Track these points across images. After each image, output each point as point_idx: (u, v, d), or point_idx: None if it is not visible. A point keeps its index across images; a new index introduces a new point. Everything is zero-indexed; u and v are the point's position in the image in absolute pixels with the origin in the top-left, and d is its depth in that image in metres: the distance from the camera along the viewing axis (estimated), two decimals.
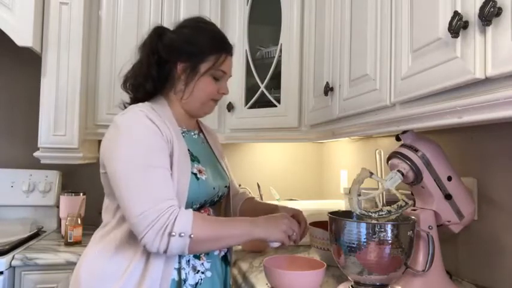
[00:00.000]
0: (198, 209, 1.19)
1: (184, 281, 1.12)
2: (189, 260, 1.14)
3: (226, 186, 1.31)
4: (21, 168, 2.15)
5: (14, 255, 1.65)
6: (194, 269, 1.14)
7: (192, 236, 1.00)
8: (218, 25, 2.04)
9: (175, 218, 1.00)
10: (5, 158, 2.20)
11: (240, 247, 1.76)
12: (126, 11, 2.02)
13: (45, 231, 2.08)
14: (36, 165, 2.03)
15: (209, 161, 1.27)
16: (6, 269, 1.60)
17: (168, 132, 1.12)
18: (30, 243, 1.85)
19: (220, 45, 1.23)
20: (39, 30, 1.87)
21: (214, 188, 1.22)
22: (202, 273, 1.16)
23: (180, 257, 1.12)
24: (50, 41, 1.90)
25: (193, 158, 1.19)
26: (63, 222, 1.95)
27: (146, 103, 1.18)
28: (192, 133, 1.27)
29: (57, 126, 1.90)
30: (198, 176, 1.16)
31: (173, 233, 0.99)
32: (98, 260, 1.10)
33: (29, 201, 2.12)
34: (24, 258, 1.65)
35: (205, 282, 1.15)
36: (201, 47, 1.19)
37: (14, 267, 1.65)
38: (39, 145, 1.90)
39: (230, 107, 2.10)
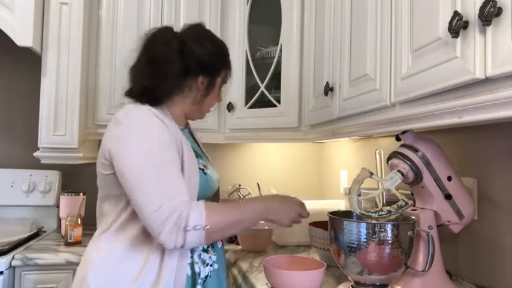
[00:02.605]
0: None
1: (199, 274, 1.14)
2: (200, 254, 1.15)
3: (218, 181, 1.34)
4: (21, 168, 2.15)
5: (14, 255, 1.65)
6: (203, 262, 1.16)
7: (207, 227, 1.01)
8: (218, 25, 2.08)
9: (189, 213, 1.00)
10: (5, 158, 2.20)
11: (240, 247, 1.76)
12: (126, 11, 2.02)
13: (45, 231, 2.09)
14: (36, 165, 2.03)
15: (205, 157, 1.31)
16: (6, 269, 1.60)
17: (174, 130, 1.13)
18: (30, 243, 1.85)
19: (229, 59, 1.30)
20: (39, 30, 1.87)
21: (215, 182, 1.26)
22: (211, 265, 1.18)
23: (192, 251, 1.13)
24: (50, 41, 1.89)
25: (197, 154, 1.21)
26: (63, 222, 1.95)
27: (146, 104, 1.16)
28: (186, 131, 1.29)
29: (57, 126, 1.90)
30: (205, 171, 1.20)
31: (188, 228, 1.00)
32: (107, 264, 1.07)
33: (29, 201, 2.12)
34: (24, 258, 1.65)
35: (213, 274, 1.18)
36: (219, 62, 1.26)
37: (14, 267, 1.65)
38: (39, 145, 1.90)
39: (230, 107, 2.10)
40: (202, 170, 1.18)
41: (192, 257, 1.13)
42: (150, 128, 1.08)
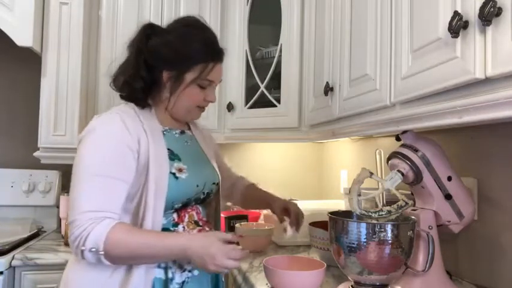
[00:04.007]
0: (183, 208, 1.18)
1: (171, 279, 1.12)
2: (175, 260, 1.13)
3: (214, 184, 1.28)
4: (21, 168, 2.15)
5: (14, 255, 1.65)
6: (181, 267, 1.14)
7: (102, 253, 1.00)
8: (218, 26, 2.08)
9: (89, 233, 1.00)
10: (5, 158, 2.20)
11: (240, 247, 1.76)
12: (126, 11, 2.02)
13: (45, 231, 2.09)
14: (36, 165, 2.03)
15: (193, 159, 1.24)
16: (6, 269, 1.60)
17: (142, 135, 1.12)
18: (30, 243, 1.86)
19: (208, 54, 1.17)
20: (39, 30, 1.87)
21: (197, 186, 1.20)
22: (190, 271, 1.15)
23: None
24: (50, 41, 1.90)
25: (173, 157, 1.17)
26: (63, 222, 1.95)
27: (130, 103, 1.18)
28: (174, 132, 1.24)
29: (57, 126, 1.90)
30: (177, 175, 1.15)
31: (83, 248, 1.00)
32: (82, 268, 1.09)
33: (29, 201, 2.12)
34: (24, 258, 1.65)
35: (192, 280, 1.15)
36: (186, 56, 1.15)
37: (14, 267, 1.65)
38: (39, 145, 1.90)
39: (230, 107, 2.10)
40: (174, 174, 1.14)
41: (166, 262, 1.11)
42: (100, 138, 1.09)
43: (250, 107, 2.08)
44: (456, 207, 1.16)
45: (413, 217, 1.11)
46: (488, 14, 0.67)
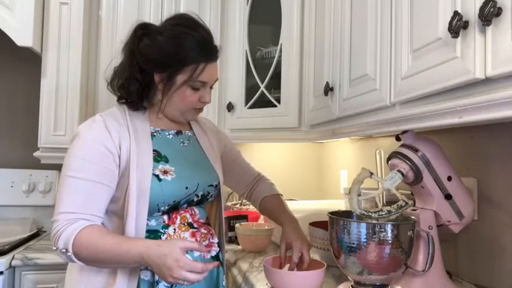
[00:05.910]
0: (174, 210, 1.17)
1: (157, 282, 1.10)
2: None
3: (212, 185, 1.24)
4: (21, 168, 2.15)
5: (14, 255, 1.65)
6: None
7: (70, 253, 1.02)
8: (218, 25, 2.08)
9: (61, 234, 1.02)
10: (5, 158, 2.20)
11: (240, 247, 1.76)
12: (126, 11, 2.02)
13: (45, 231, 2.09)
14: (36, 165, 2.03)
15: (187, 160, 1.21)
16: (6, 269, 1.60)
17: (125, 138, 1.12)
18: (30, 243, 1.86)
19: (198, 54, 1.13)
20: (39, 30, 1.88)
21: (187, 188, 1.16)
22: None
23: None
24: (50, 41, 1.90)
25: (160, 158, 1.16)
26: None
27: (123, 105, 1.19)
28: (167, 133, 1.23)
29: (57, 126, 1.90)
30: (161, 177, 1.13)
31: (54, 247, 1.04)
32: (77, 266, 1.10)
33: (29, 201, 2.13)
34: (24, 258, 1.65)
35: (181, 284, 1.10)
36: (176, 57, 1.12)
37: (14, 267, 1.65)
38: (39, 145, 1.91)
39: (230, 107, 2.10)
40: (157, 176, 1.12)
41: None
42: (79, 142, 1.10)
43: (250, 107, 2.08)
44: (456, 207, 1.16)
45: (413, 217, 1.11)
46: (488, 14, 0.67)
